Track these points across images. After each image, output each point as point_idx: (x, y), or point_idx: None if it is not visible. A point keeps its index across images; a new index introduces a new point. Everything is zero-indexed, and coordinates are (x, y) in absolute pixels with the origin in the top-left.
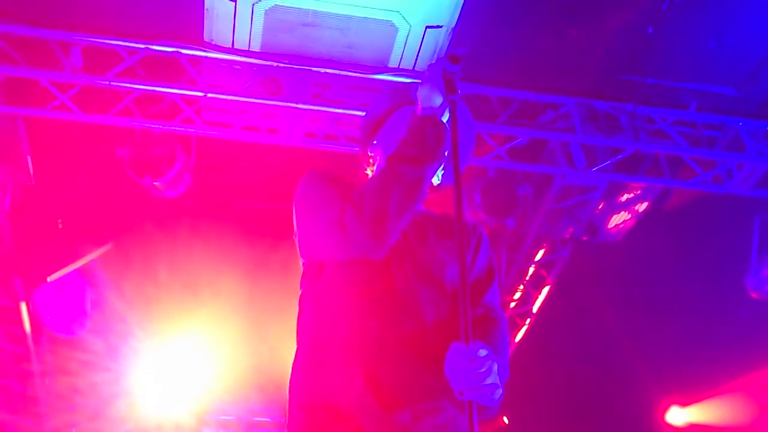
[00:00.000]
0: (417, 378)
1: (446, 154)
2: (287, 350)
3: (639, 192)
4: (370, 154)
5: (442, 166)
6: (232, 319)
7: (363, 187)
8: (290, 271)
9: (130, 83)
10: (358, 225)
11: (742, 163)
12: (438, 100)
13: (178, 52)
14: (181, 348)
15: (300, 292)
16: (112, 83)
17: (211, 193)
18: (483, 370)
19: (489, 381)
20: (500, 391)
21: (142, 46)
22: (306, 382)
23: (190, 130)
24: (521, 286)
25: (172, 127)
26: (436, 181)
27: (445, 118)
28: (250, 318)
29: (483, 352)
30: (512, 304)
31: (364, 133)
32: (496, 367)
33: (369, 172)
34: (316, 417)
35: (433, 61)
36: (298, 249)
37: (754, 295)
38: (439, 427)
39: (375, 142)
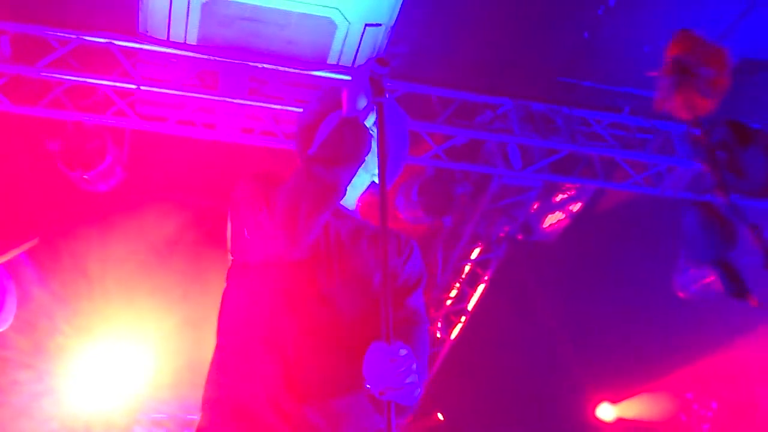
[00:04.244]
0: (335, 377)
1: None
2: None
3: (573, 192)
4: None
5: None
6: (165, 315)
7: (280, 187)
8: (226, 268)
9: (61, 74)
10: (269, 223)
11: (673, 166)
12: (362, 102)
13: (111, 43)
14: (112, 345)
15: (225, 285)
16: (42, 74)
17: (145, 188)
18: (403, 369)
19: (409, 380)
20: (420, 390)
21: (74, 36)
22: (221, 378)
23: (122, 123)
24: (457, 284)
25: (104, 120)
26: (375, 180)
27: (371, 121)
28: (184, 315)
29: (403, 352)
30: (448, 302)
31: (300, 141)
32: (415, 366)
33: None
34: (225, 414)
35: (362, 63)
36: (228, 247)
37: (681, 295)
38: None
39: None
